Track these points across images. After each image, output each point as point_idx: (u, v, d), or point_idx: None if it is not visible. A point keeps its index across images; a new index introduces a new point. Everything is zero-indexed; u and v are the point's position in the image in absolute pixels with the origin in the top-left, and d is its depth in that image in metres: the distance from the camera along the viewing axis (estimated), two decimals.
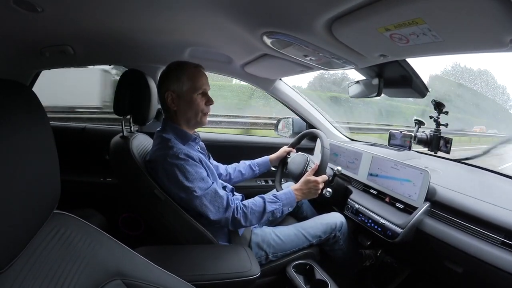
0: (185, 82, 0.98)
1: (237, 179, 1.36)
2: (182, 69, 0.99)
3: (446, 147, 1.25)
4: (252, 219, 0.98)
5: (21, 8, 0.78)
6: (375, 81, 1.22)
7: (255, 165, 1.40)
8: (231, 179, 1.34)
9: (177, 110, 1.00)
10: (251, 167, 1.39)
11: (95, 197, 1.54)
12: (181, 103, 0.99)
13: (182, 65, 1.00)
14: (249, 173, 1.38)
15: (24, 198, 0.37)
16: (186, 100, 0.99)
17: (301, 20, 0.72)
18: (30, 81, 1.48)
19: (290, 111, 1.79)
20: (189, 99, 0.99)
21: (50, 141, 0.42)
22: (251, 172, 1.39)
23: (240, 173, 1.36)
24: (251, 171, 1.39)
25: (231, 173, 1.34)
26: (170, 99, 0.98)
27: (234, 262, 0.92)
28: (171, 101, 0.99)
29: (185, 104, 0.99)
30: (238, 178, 1.36)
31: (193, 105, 1.00)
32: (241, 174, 1.37)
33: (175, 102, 0.99)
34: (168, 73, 1.00)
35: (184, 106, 1.00)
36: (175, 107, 0.99)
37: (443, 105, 1.27)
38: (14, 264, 0.37)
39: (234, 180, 1.35)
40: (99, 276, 0.48)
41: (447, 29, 0.59)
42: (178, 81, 0.98)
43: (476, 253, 0.81)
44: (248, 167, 1.39)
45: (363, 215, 1.18)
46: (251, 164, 1.40)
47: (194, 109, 1.00)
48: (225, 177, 1.33)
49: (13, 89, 0.38)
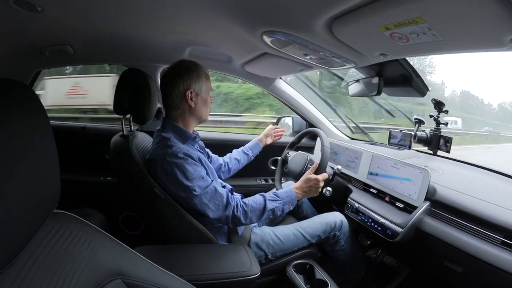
0: (203, 82, 1.04)
1: (235, 167, 1.39)
2: (201, 69, 1.04)
3: (446, 146, 1.25)
4: (252, 216, 0.98)
5: (21, 8, 0.78)
6: (375, 80, 1.22)
7: (248, 149, 1.43)
8: (229, 169, 1.37)
9: (194, 107, 1.03)
10: (244, 152, 1.42)
11: (95, 197, 1.54)
12: (199, 101, 1.04)
13: (198, 65, 1.05)
14: (244, 159, 1.41)
15: (24, 197, 0.37)
16: (203, 98, 1.05)
17: (301, 19, 0.72)
18: (30, 81, 1.48)
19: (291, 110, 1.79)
20: (205, 98, 1.06)
21: (50, 141, 0.42)
22: (245, 156, 1.41)
23: (236, 160, 1.39)
24: (246, 155, 1.41)
25: (228, 162, 1.37)
26: (190, 97, 1.01)
27: (234, 262, 0.92)
28: (190, 99, 1.02)
29: (202, 102, 1.05)
30: (236, 166, 1.39)
31: (207, 103, 1.08)
32: (237, 161, 1.39)
33: (193, 100, 1.02)
34: (187, 72, 1.02)
35: (201, 104, 1.05)
36: (193, 104, 1.03)
37: (443, 104, 1.27)
38: (14, 264, 0.37)
39: (233, 168, 1.38)
40: (99, 276, 0.48)
41: (447, 28, 0.59)
42: (199, 80, 1.03)
43: (476, 252, 0.81)
44: (242, 152, 1.41)
45: (363, 214, 1.18)
46: (244, 150, 1.42)
47: (207, 107, 1.08)
48: (224, 167, 1.35)
49: (13, 88, 0.38)
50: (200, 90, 1.03)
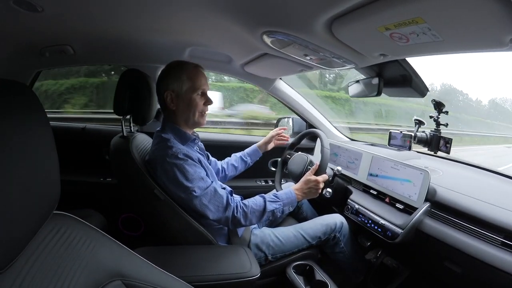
0: (184, 82, 0.97)
1: (232, 173, 1.36)
2: (182, 69, 0.98)
3: (446, 147, 1.25)
4: (252, 218, 0.98)
5: (21, 8, 0.78)
6: (375, 81, 1.22)
7: (246, 156, 1.39)
8: (226, 176, 1.34)
9: (176, 110, 1.00)
10: (242, 159, 1.39)
11: (95, 197, 1.54)
12: (180, 103, 0.99)
13: (182, 65, 0.99)
14: (241, 165, 1.38)
15: (24, 198, 0.37)
16: (185, 100, 0.98)
17: (301, 20, 0.72)
18: (30, 81, 1.48)
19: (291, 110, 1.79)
20: (189, 99, 0.98)
21: (50, 141, 0.42)
22: (243, 164, 1.38)
23: (234, 167, 1.36)
24: (243, 162, 1.39)
25: (225, 168, 1.34)
26: (169, 98, 0.98)
27: (234, 263, 0.91)
28: (170, 101, 0.98)
29: (184, 104, 0.99)
30: (233, 172, 1.36)
31: (192, 105, 0.99)
32: (234, 167, 1.36)
33: (174, 102, 0.98)
34: (167, 72, 0.99)
35: (183, 106, 0.99)
36: (174, 106, 0.99)
37: (443, 105, 1.27)
38: (14, 265, 0.37)
39: (230, 174, 1.35)
40: (99, 277, 0.47)
41: (447, 28, 0.59)
42: (178, 81, 0.97)
43: (476, 253, 0.81)
44: (240, 159, 1.38)
45: (363, 215, 1.18)
46: (242, 156, 1.39)
47: (193, 109, 1.00)
48: (221, 173, 1.33)
49: (13, 89, 0.38)
50: (180, 90, 0.97)
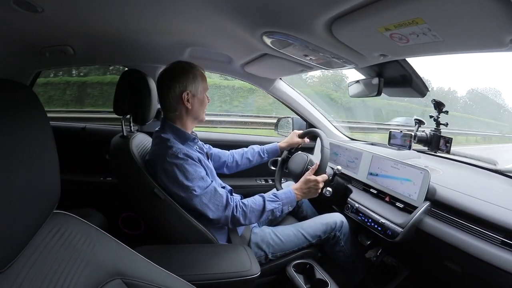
0: (200, 82, 1.03)
1: (245, 166, 1.38)
2: (196, 70, 1.04)
3: (446, 146, 1.25)
4: (251, 217, 0.99)
5: (21, 8, 0.78)
6: (375, 81, 1.22)
7: (264, 152, 1.41)
8: (238, 166, 1.36)
9: (191, 108, 1.03)
10: (260, 155, 1.40)
11: (95, 197, 1.54)
12: (195, 102, 1.04)
13: (194, 66, 1.04)
14: (257, 160, 1.40)
15: (24, 197, 0.37)
16: (200, 99, 1.05)
17: (301, 20, 0.72)
18: (30, 81, 1.48)
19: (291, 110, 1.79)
20: (202, 98, 1.06)
21: (50, 141, 0.42)
22: (259, 159, 1.40)
23: (248, 160, 1.38)
24: (260, 158, 1.40)
25: (238, 160, 1.36)
26: (187, 98, 1.01)
27: (234, 262, 0.92)
28: (187, 100, 1.01)
29: (198, 103, 1.05)
30: (246, 165, 1.39)
31: (203, 103, 1.07)
32: (248, 161, 1.38)
33: (190, 101, 1.02)
34: (183, 73, 1.01)
35: (197, 105, 1.05)
36: (190, 105, 1.03)
37: (443, 105, 1.27)
38: (14, 264, 0.37)
39: (242, 166, 1.38)
40: (99, 276, 0.48)
41: (447, 28, 0.59)
42: (195, 81, 1.02)
43: (476, 252, 0.81)
44: (257, 154, 1.40)
45: (363, 214, 1.18)
46: (260, 152, 1.40)
47: (203, 107, 1.08)
48: (231, 163, 1.34)
49: (13, 89, 0.38)
50: (196, 91, 1.03)
